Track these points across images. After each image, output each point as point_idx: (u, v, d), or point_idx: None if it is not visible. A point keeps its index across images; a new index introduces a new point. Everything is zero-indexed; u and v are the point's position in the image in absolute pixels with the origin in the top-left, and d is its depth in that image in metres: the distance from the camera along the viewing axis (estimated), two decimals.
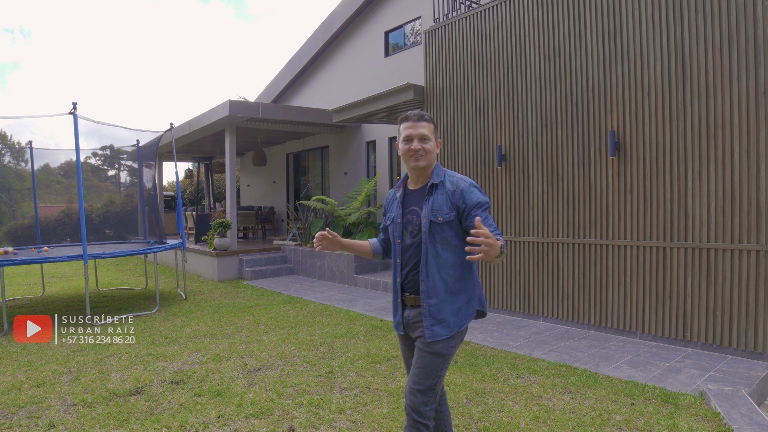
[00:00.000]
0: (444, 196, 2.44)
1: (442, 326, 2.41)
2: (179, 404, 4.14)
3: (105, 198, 11.97)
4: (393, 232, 2.58)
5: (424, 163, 2.49)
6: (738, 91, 4.96)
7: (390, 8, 12.31)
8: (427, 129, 2.50)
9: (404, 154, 2.52)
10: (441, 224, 2.41)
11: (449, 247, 2.43)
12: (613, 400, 3.96)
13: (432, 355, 2.42)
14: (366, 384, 4.44)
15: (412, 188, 2.59)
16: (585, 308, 6.19)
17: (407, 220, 2.52)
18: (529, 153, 6.75)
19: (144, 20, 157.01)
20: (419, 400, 2.40)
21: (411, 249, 2.49)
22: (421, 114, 2.52)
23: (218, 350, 5.63)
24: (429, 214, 2.43)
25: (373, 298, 8.60)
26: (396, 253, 2.56)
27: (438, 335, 2.40)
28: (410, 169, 2.56)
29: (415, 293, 2.48)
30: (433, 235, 2.42)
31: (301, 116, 12.29)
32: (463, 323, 2.47)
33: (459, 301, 2.46)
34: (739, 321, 5.00)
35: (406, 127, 2.51)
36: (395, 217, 2.58)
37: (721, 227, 5.10)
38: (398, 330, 2.60)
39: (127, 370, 5.01)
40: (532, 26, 6.72)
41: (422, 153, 2.47)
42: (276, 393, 4.28)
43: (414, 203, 2.53)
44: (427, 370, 2.41)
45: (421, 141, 2.48)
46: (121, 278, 12.06)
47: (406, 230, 2.52)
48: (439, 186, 2.48)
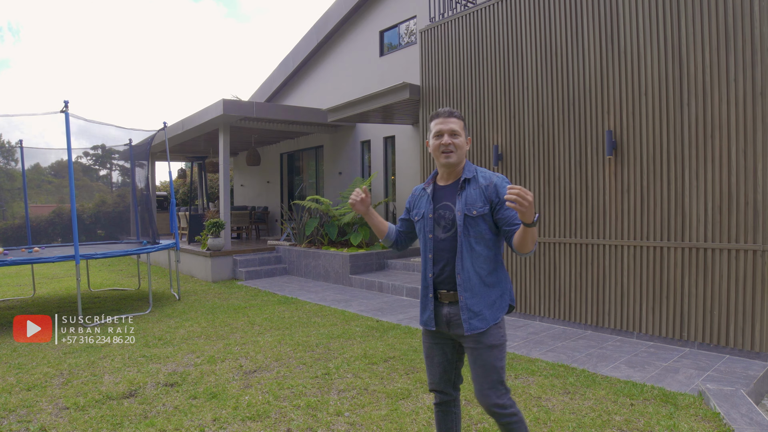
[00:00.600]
0: (477, 190, 2.47)
1: (479, 319, 2.43)
2: (174, 407, 4.08)
3: (97, 198, 11.86)
4: (423, 228, 2.58)
5: (455, 158, 2.50)
6: (735, 91, 4.96)
7: (385, 8, 12.27)
8: (458, 125, 2.51)
9: (435, 150, 2.54)
10: (475, 218, 2.43)
11: (483, 241, 2.45)
12: (612, 400, 3.94)
13: (488, 349, 2.43)
14: (363, 385, 4.39)
15: (443, 184, 2.60)
16: (582, 308, 6.18)
17: (439, 215, 2.53)
18: (525, 153, 6.73)
19: (135, 19, 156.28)
20: (494, 399, 2.42)
21: (444, 243, 2.50)
22: (451, 111, 2.54)
23: (213, 352, 5.57)
24: (463, 208, 2.45)
25: (369, 299, 8.55)
26: (427, 248, 2.56)
27: (475, 328, 2.42)
28: (441, 166, 2.57)
29: (452, 289, 2.48)
30: (467, 229, 2.44)
31: (295, 116, 12.23)
32: (498, 316, 2.48)
33: (493, 295, 2.48)
34: (736, 321, 4.99)
35: (437, 123, 2.54)
36: (425, 212, 2.58)
37: (718, 227, 5.09)
38: (428, 326, 2.56)
39: (120, 373, 4.94)
40: (529, 25, 6.70)
41: (452, 148, 2.49)
42: (272, 395, 4.23)
43: (446, 198, 2.54)
44: (488, 367, 2.43)
45: (451, 136, 2.49)
46: (113, 279, 11.96)
47: (438, 225, 2.53)
48: (472, 181, 2.51)
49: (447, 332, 2.54)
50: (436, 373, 2.64)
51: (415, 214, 2.67)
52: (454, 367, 2.66)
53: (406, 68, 11.05)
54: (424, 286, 2.58)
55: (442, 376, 2.63)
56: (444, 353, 2.61)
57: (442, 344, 2.60)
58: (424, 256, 2.58)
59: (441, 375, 2.63)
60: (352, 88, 12.74)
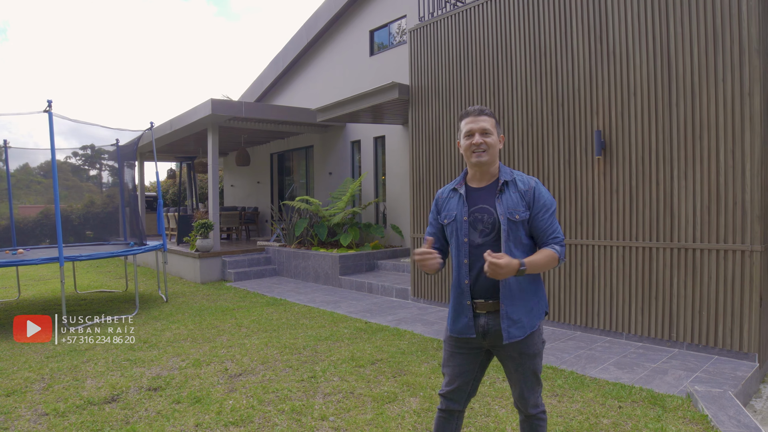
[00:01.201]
0: (517, 194, 2.40)
1: (518, 327, 2.36)
2: (156, 412, 4.02)
3: (86, 198, 11.72)
4: (456, 231, 2.45)
5: (487, 158, 2.40)
6: (723, 92, 4.94)
7: (374, 7, 12.22)
8: (489, 123, 2.42)
9: (466, 150, 2.44)
10: (516, 223, 2.36)
11: (521, 246, 2.38)
12: (600, 403, 3.91)
13: (530, 358, 2.42)
14: (349, 389, 4.34)
15: (477, 186, 2.49)
16: (571, 309, 6.15)
17: (476, 219, 2.41)
18: (515, 153, 6.70)
19: (125, 17, 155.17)
20: (533, 401, 2.48)
21: (481, 249, 2.36)
22: (481, 109, 2.45)
23: (198, 355, 5.49)
24: (506, 212, 2.36)
25: (358, 300, 8.50)
26: (461, 253, 2.43)
27: (514, 336, 2.35)
28: (473, 166, 2.46)
29: (489, 298, 2.39)
30: (509, 234, 2.36)
31: (284, 115, 12.15)
32: (535, 323, 2.42)
33: (531, 301, 2.42)
34: (725, 321, 4.98)
35: (467, 122, 2.44)
36: (458, 215, 2.45)
37: (707, 227, 5.08)
38: (465, 334, 2.43)
39: (103, 377, 4.86)
40: (518, 25, 6.67)
41: (484, 147, 2.40)
42: (257, 399, 4.17)
43: (482, 201, 2.43)
44: (530, 373, 2.44)
45: (482, 135, 2.40)
46: (101, 280, 11.83)
47: (475, 229, 2.41)
48: (510, 184, 2.43)
49: (480, 342, 2.45)
50: (453, 383, 2.53)
51: (445, 216, 2.52)
52: (474, 380, 2.56)
53: (397, 68, 11.00)
54: (458, 293, 2.45)
55: (460, 386, 2.53)
56: (470, 364, 2.51)
57: (470, 354, 2.50)
58: (458, 262, 2.44)
59: (460, 385, 2.53)
60: (343, 88, 12.67)
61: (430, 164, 7.83)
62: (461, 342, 2.49)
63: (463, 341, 2.48)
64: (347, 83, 12.74)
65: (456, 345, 2.51)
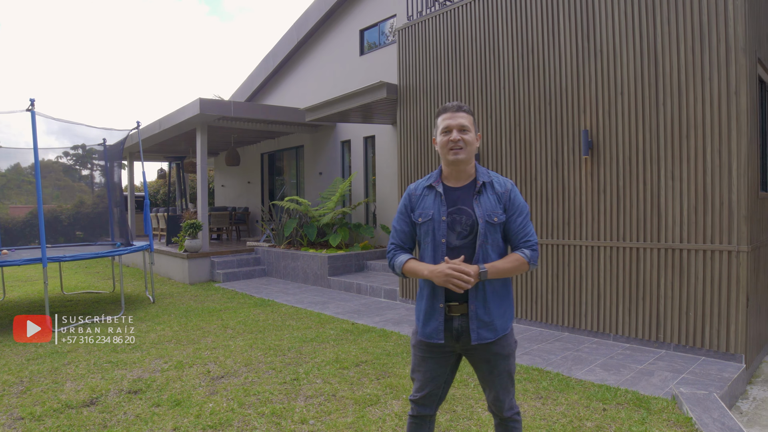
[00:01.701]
0: (494, 196, 2.36)
1: (489, 329, 2.32)
2: (135, 416, 3.94)
3: (76, 199, 11.59)
4: (433, 231, 2.35)
5: (464, 155, 2.33)
6: (710, 91, 4.91)
7: (365, 6, 12.16)
8: (467, 120, 2.36)
9: (443, 146, 2.37)
10: (495, 225, 2.32)
11: (497, 249, 2.35)
12: (584, 405, 3.86)
13: (504, 359, 2.39)
14: (332, 391, 4.28)
15: (453, 185, 2.40)
16: (559, 310, 6.11)
17: (454, 220, 2.33)
18: (502, 152, 6.65)
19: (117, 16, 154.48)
20: (508, 403, 2.44)
21: (458, 251, 2.31)
22: (459, 105, 2.39)
23: (182, 357, 5.42)
24: (484, 215, 2.31)
25: (346, 301, 8.43)
26: (438, 254, 2.33)
27: (483, 338, 2.31)
28: (449, 164, 2.38)
29: (463, 300, 2.33)
30: (486, 237, 2.31)
31: (274, 115, 12.08)
32: (507, 325, 2.40)
33: (504, 304, 2.39)
34: (712, 322, 4.95)
35: (445, 118, 2.38)
36: (436, 214, 2.36)
37: (694, 227, 5.05)
38: (434, 339, 2.35)
39: (83, 380, 4.77)
40: (506, 23, 6.63)
41: (462, 145, 2.33)
42: (237, 402, 4.10)
43: (460, 202, 2.36)
44: (504, 375, 2.41)
45: (460, 131, 2.34)
46: (88, 281, 11.72)
47: (452, 231, 2.33)
48: (488, 185, 2.38)
49: (453, 345, 2.39)
50: (425, 388, 2.47)
51: (419, 215, 2.41)
52: (446, 384, 2.50)
53: (388, 67, 10.93)
54: (431, 295, 2.37)
55: (432, 391, 2.47)
56: (441, 368, 2.45)
57: (441, 359, 2.43)
58: (433, 263, 2.34)
59: (431, 390, 2.47)
60: (332, 87, 12.61)
61: (419, 164, 7.78)
62: (433, 347, 2.41)
63: (432, 346, 2.41)
64: (337, 83, 12.68)
65: (427, 350, 2.43)
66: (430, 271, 2.27)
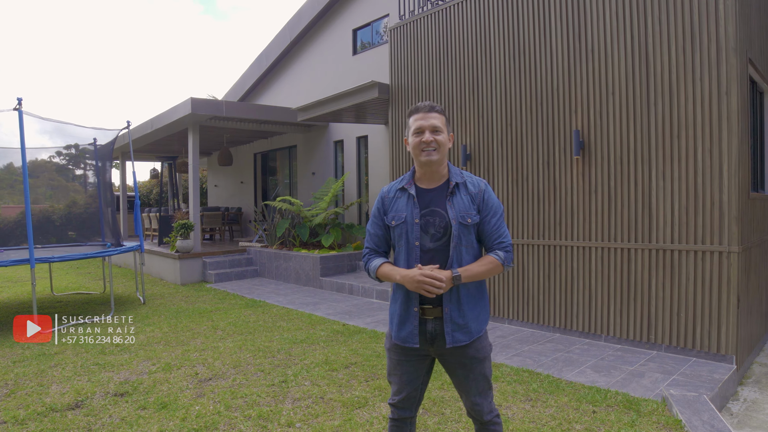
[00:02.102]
0: (467, 197, 2.33)
1: (463, 332, 2.29)
2: (120, 419, 3.89)
3: (68, 199, 11.49)
4: (407, 234, 2.32)
5: (437, 156, 2.30)
6: (701, 90, 4.90)
7: (358, 6, 12.11)
8: (439, 120, 2.33)
9: (415, 147, 2.33)
10: (468, 226, 2.29)
11: (471, 251, 2.31)
12: (574, 407, 3.83)
13: (479, 362, 2.35)
14: (320, 394, 4.23)
15: (426, 187, 2.37)
16: (551, 311, 6.08)
17: (427, 222, 2.30)
18: (494, 152, 6.63)
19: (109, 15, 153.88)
20: (486, 407, 2.40)
21: (432, 254, 2.28)
22: (432, 105, 2.34)
23: (170, 358, 5.36)
24: (457, 216, 2.28)
25: (338, 301, 8.39)
26: (412, 257, 2.30)
27: (458, 341, 2.28)
28: (421, 165, 2.35)
29: (438, 304, 2.29)
30: (460, 238, 2.28)
31: (266, 115, 12.01)
32: (482, 328, 2.37)
33: (479, 307, 2.36)
34: (703, 323, 4.93)
35: (417, 118, 2.34)
36: (409, 217, 2.32)
37: (685, 228, 5.03)
38: (409, 343, 2.32)
39: (69, 382, 4.71)
40: (497, 23, 6.60)
41: (435, 146, 2.29)
42: (224, 405, 4.05)
43: (433, 203, 2.32)
44: (480, 378, 2.37)
45: (433, 132, 2.30)
46: (79, 282, 11.63)
47: (426, 233, 2.29)
48: (461, 186, 2.35)
49: (427, 349, 2.35)
50: (402, 392, 2.44)
51: (393, 217, 2.37)
52: (422, 385, 2.48)
53: (380, 67, 10.89)
54: (405, 298, 2.34)
55: (409, 394, 2.44)
56: (416, 372, 2.42)
57: (416, 362, 2.40)
58: (407, 266, 2.31)
59: (409, 394, 2.44)
60: (325, 87, 12.54)
61: (410, 164, 7.74)
62: (408, 350, 2.38)
63: (406, 350, 2.38)
64: (330, 83, 12.62)
65: (402, 353, 2.40)
66: (402, 276, 2.25)
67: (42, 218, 10.64)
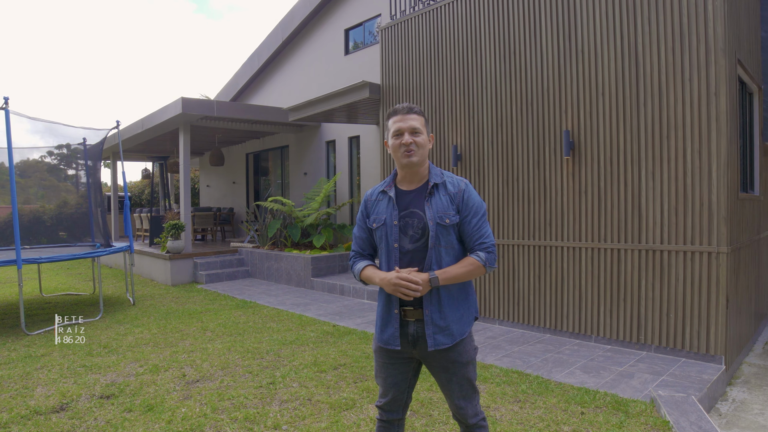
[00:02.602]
0: (446, 197, 2.29)
1: (445, 334, 2.25)
2: (106, 421, 3.85)
3: (59, 199, 11.39)
4: (386, 236, 2.31)
5: (417, 158, 2.28)
6: (690, 91, 4.90)
7: (350, 6, 12.08)
8: (418, 121, 2.30)
9: (395, 150, 2.31)
10: (447, 227, 2.25)
11: (452, 251, 2.28)
12: (563, 409, 3.82)
13: (462, 366, 2.32)
14: (308, 395, 4.20)
15: (407, 188, 2.36)
16: (541, 311, 6.07)
17: (406, 223, 2.29)
18: (484, 153, 6.61)
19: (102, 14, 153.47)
20: (470, 411, 2.36)
21: (411, 255, 2.27)
22: (410, 106, 2.32)
23: (158, 360, 5.32)
24: (435, 216, 2.25)
25: (329, 302, 8.36)
26: (392, 259, 2.29)
27: (440, 344, 2.25)
28: (402, 167, 2.33)
29: (419, 305, 2.27)
30: (438, 239, 2.25)
31: (258, 115, 11.96)
32: (465, 330, 2.32)
33: (461, 308, 2.32)
34: (692, 323, 4.93)
35: (396, 120, 2.31)
36: (388, 219, 2.32)
37: (674, 228, 5.03)
38: (391, 345, 2.31)
39: (54, 384, 4.66)
40: (488, 23, 6.59)
41: (414, 147, 2.27)
42: (211, 407, 4.01)
43: (412, 205, 2.31)
44: (464, 382, 2.34)
45: (412, 134, 2.28)
46: (69, 283, 11.55)
47: (405, 234, 2.28)
48: (440, 186, 2.32)
49: (410, 351, 2.33)
50: (388, 394, 2.42)
51: (374, 220, 2.37)
52: (409, 388, 2.46)
53: (373, 67, 10.87)
54: (386, 300, 2.33)
55: (395, 397, 2.42)
56: (402, 374, 2.40)
57: (401, 365, 2.38)
58: (388, 268, 2.30)
59: (395, 396, 2.42)
60: (317, 87, 12.51)
61: None
62: (388, 353, 2.37)
63: (391, 352, 2.36)
64: (322, 83, 12.59)
65: (386, 356, 2.39)
66: (381, 279, 2.24)
67: (32, 218, 10.56)
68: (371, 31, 11.75)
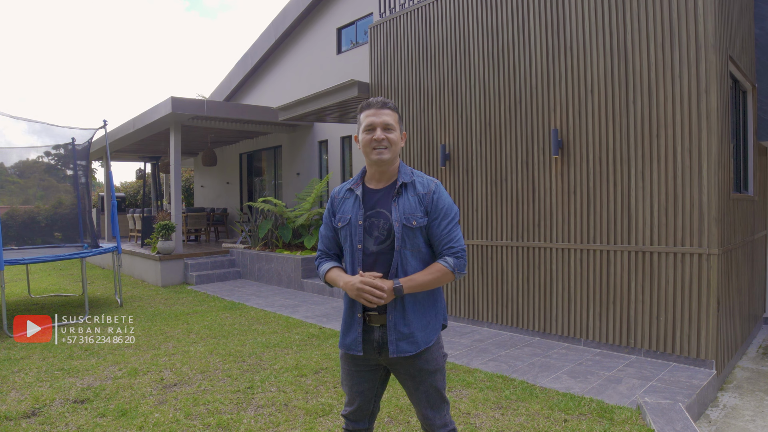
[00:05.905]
0: (415, 198, 2.18)
1: (408, 342, 2.14)
2: (77, 427, 3.74)
3: (54, 199, 11.28)
4: (350, 236, 2.21)
5: (388, 155, 2.17)
6: (680, 89, 4.78)
7: (342, 5, 11.97)
8: (392, 117, 2.20)
9: (365, 145, 2.19)
10: (414, 229, 2.14)
11: (418, 255, 2.16)
12: (545, 416, 3.70)
13: (430, 375, 2.22)
14: (285, 401, 4.09)
15: (374, 187, 2.25)
16: (530, 314, 5.95)
17: (371, 224, 2.18)
18: (473, 152, 6.50)
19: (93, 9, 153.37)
20: (438, 422, 2.26)
21: (375, 257, 2.16)
22: (384, 101, 2.22)
23: (138, 363, 5.20)
24: (401, 218, 2.14)
25: (318, 304, 8.24)
26: (355, 261, 2.19)
27: (403, 351, 2.13)
28: (372, 164, 2.22)
29: (383, 311, 2.15)
30: (404, 242, 2.13)
31: (250, 114, 11.85)
32: (431, 338, 2.21)
33: (428, 315, 2.21)
34: (682, 327, 4.81)
35: (368, 114, 2.21)
36: (353, 218, 2.21)
37: (664, 230, 4.91)
38: (353, 350, 2.20)
39: (29, 389, 4.55)
40: (476, 21, 6.47)
41: (386, 144, 2.17)
42: (184, 412, 3.90)
43: (379, 204, 2.20)
44: (432, 391, 2.24)
45: (384, 130, 2.17)
46: (59, 284, 11.43)
47: (370, 235, 2.17)
48: (409, 186, 2.20)
49: (376, 358, 2.22)
50: (353, 403, 2.32)
51: (339, 219, 2.27)
52: (376, 397, 2.35)
53: (365, 66, 10.74)
54: (350, 304, 2.22)
55: (361, 406, 2.32)
56: (368, 382, 2.29)
57: (367, 372, 2.28)
58: (351, 270, 2.20)
59: (360, 405, 2.31)
60: (310, 87, 12.38)
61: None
62: (353, 359, 2.26)
63: (356, 359, 2.25)
64: (314, 82, 12.46)
65: (352, 363, 2.27)
66: (345, 282, 2.13)
67: (26, 219, 10.45)
68: (365, 30, 11.64)
